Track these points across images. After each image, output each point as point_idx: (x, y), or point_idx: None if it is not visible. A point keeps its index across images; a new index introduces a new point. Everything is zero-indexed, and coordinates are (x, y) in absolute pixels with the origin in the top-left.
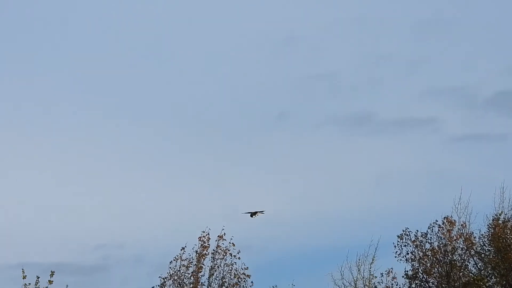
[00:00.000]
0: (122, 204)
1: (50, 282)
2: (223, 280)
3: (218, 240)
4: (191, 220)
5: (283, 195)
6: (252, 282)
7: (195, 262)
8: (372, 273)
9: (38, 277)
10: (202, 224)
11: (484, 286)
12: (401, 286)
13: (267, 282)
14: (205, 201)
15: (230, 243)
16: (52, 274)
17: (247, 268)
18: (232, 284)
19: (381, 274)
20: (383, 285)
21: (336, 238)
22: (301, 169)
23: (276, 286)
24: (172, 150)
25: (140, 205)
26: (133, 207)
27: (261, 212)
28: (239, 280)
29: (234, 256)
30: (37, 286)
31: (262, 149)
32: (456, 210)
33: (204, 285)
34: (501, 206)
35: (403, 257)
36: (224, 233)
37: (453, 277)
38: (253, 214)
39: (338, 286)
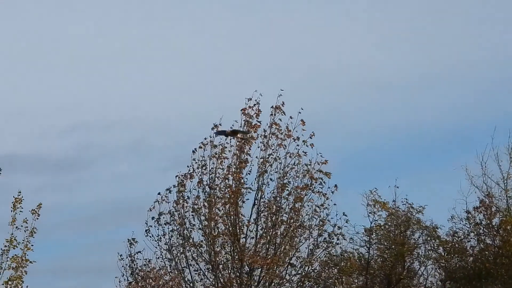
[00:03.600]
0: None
1: None
2: (283, 182)
3: (274, 114)
4: (224, 83)
5: (380, 36)
6: (335, 186)
7: (235, 152)
8: None
9: None
10: (243, 90)
11: None
12: None
13: (354, 183)
14: (250, 50)
15: (293, 118)
16: None
17: (325, 162)
18: (300, 187)
19: None
20: None
21: (472, 108)
22: None
23: (376, 189)
24: None
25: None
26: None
27: (245, 133)
28: (313, 181)
29: (303, 141)
30: None
31: None
32: None
33: (250, 189)
34: None
35: None
36: (283, 102)
37: None
38: (229, 134)
39: (477, 187)
